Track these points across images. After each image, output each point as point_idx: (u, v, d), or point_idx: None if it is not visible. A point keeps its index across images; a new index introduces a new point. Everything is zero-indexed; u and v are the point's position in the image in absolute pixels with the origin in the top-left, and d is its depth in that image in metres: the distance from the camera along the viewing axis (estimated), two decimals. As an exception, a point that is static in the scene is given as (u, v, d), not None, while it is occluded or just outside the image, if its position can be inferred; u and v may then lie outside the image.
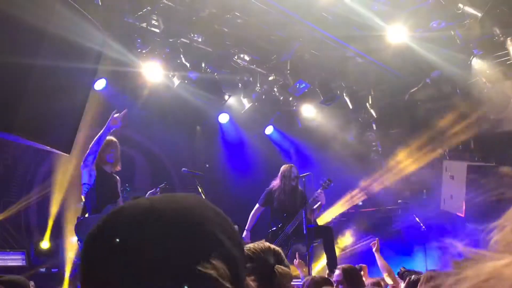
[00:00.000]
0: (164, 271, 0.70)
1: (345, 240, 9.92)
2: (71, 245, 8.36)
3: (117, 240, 0.72)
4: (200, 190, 6.38)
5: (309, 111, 10.35)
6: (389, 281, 4.75)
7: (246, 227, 7.12)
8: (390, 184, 9.90)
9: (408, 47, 7.81)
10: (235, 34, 7.66)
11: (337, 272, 4.14)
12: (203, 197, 6.53)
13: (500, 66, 7.91)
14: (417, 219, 9.42)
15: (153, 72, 7.97)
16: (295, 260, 5.79)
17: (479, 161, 8.84)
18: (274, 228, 7.08)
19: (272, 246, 1.92)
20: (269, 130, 10.71)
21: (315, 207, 7.08)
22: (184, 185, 10.66)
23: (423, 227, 9.25)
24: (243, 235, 6.90)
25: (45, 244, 8.06)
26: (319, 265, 8.89)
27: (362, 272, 4.90)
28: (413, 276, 3.82)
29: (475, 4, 6.64)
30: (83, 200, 5.49)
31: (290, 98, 9.69)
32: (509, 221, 0.60)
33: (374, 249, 5.29)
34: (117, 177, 5.83)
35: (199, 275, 0.71)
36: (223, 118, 10.02)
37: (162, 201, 0.79)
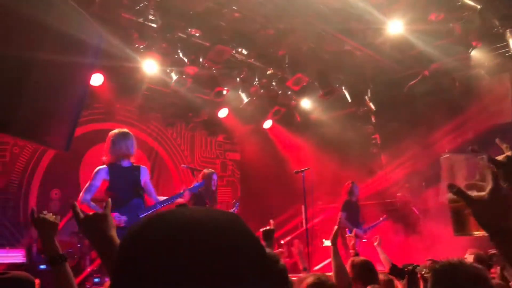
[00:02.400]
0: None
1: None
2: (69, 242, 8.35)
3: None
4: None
5: (307, 105, 10.34)
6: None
7: None
8: (389, 177, 9.91)
9: (407, 40, 7.78)
10: (232, 28, 7.61)
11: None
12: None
13: (499, 58, 7.89)
14: (416, 211, 9.44)
15: (151, 68, 7.95)
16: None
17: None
18: None
19: None
20: (267, 124, 10.69)
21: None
22: (183, 181, 10.69)
23: (422, 219, 9.28)
24: None
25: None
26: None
27: None
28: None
29: (474, -4, 6.61)
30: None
31: (289, 92, 9.66)
32: None
33: (376, 243, 5.27)
34: (142, 167, 5.43)
35: None
36: (222, 113, 9.99)
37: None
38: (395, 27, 7.38)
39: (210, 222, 0.78)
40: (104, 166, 5.19)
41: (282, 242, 9.89)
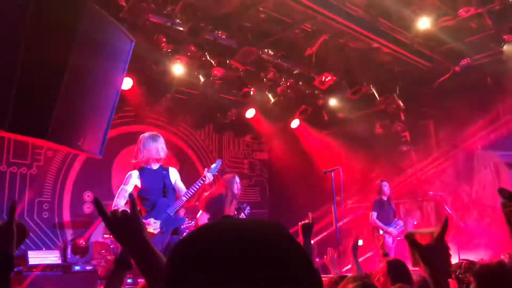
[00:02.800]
0: None
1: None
2: (103, 243, 8.52)
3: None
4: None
5: (335, 104, 10.27)
6: None
7: None
8: (421, 175, 9.76)
9: (436, 36, 7.66)
10: (258, 29, 7.63)
11: (381, 265, 4.02)
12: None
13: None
14: (448, 210, 9.28)
15: (179, 70, 8.04)
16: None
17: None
18: None
19: None
20: (295, 123, 10.68)
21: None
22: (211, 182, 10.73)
23: (455, 217, 9.12)
24: None
25: (80, 242, 8.23)
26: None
27: None
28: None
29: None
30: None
31: (316, 91, 9.62)
32: None
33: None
34: (170, 168, 5.49)
35: None
36: (250, 113, 10.03)
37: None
38: (424, 23, 7.25)
39: (258, 232, 0.81)
40: (135, 170, 5.27)
41: (311, 242, 9.85)
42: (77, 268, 7.54)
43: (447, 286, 1.45)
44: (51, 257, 7.73)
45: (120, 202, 5.06)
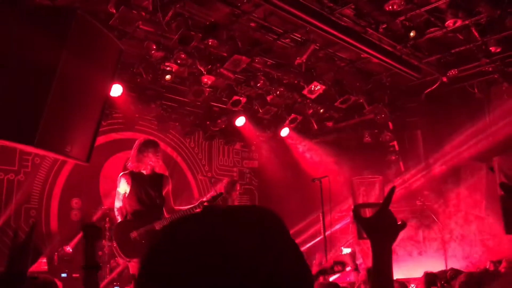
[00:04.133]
0: None
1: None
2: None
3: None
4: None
5: (324, 113, 10.31)
6: None
7: None
8: (409, 184, 9.83)
9: (424, 46, 7.75)
10: (249, 38, 7.67)
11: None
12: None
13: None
14: (435, 218, 9.36)
15: (169, 78, 8.04)
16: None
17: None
18: None
19: None
20: (284, 132, 10.71)
21: None
22: (201, 190, 10.76)
23: (442, 226, 9.19)
24: None
25: (67, 249, 8.16)
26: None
27: None
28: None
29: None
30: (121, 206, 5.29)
31: (306, 100, 9.67)
32: None
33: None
34: (165, 176, 5.40)
35: None
36: (240, 121, 10.05)
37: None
38: (412, 34, 7.33)
39: (245, 216, 0.80)
40: (126, 172, 5.25)
41: (301, 248, 9.86)
42: (63, 275, 7.48)
43: (390, 254, 1.46)
44: (38, 264, 7.66)
45: (117, 205, 5.15)
